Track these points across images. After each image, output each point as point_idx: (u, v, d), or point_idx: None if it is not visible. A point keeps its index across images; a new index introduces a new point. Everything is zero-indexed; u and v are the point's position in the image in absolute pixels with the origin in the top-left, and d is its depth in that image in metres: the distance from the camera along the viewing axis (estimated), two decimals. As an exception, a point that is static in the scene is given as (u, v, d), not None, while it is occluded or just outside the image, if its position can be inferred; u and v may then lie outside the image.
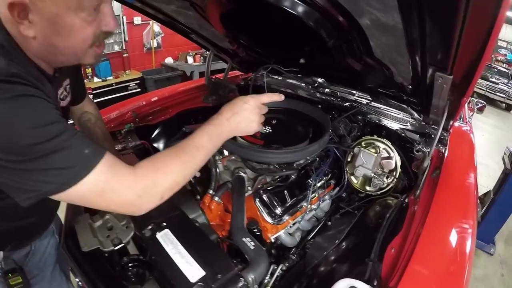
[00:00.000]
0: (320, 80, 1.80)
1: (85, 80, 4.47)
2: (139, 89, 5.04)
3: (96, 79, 4.81)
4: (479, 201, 3.17)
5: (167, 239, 0.99)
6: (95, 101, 4.42)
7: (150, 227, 1.04)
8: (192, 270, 0.88)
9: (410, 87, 1.26)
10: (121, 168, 0.70)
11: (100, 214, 1.14)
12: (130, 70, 5.30)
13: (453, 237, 1.02)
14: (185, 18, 1.70)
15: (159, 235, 1.00)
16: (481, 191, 3.31)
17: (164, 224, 1.04)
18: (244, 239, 1.02)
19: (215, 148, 0.87)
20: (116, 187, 0.68)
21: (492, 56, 12.71)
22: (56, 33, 0.66)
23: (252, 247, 0.99)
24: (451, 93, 1.03)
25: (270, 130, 1.41)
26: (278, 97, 1.00)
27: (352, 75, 1.47)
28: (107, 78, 4.86)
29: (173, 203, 1.18)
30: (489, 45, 0.69)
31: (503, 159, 3.00)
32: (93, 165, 0.65)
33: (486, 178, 4.34)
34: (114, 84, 4.85)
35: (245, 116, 0.91)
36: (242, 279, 0.87)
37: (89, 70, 4.74)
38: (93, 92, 4.53)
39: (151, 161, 0.75)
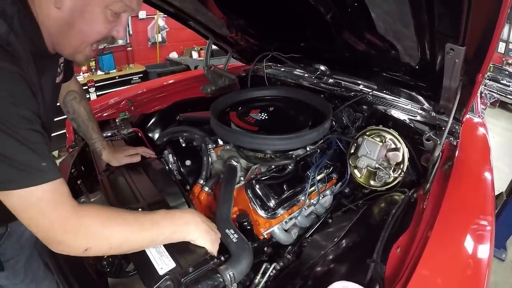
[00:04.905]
0: (322, 67, 1.69)
1: (88, 73, 4.51)
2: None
3: (99, 72, 4.76)
4: (491, 203, 3.04)
5: None
6: (97, 93, 4.43)
7: None
8: (162, 261, 0.79)
9: (417, 67, 1.13)
10: (66, 199, 0.67)
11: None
12: (134, 64, 5.25)
13: (470, 237, 0.89)
14: (181, 2, 1.61)
15: None
16: (493, 194, 3.16)
17: (141, 209, 0.96)
18: (227, 230, 0.92)
19: (167, 236, 0.80)
20: (49, 212, 0.64)
21: (503, 59, 12.38)
22: (80, 15, 0.71)
23: (234, 240, 0.88)
24: (463, 70, 0.91)
25: (266, 117, 1.30)
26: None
27: (355, 59, 1.35)
28: (110, 71, 4.81)
29: (154, 189, 1.11)
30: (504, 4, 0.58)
31: (516, 159, 2.85)
32: (43, 181, 0.63)
33: (498, 181, 4.13)
34: (117, 77, 4.79)
35: (213, 233, 0.88)
36: (218, 275, 0.77)
37: (92, 63, 4.70)
38: (96, 84, 4.49)
39: (101, 211, 0.72)
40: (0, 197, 0.63)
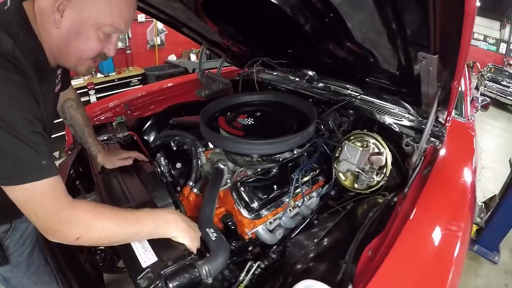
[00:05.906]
0: (310, 72, 1.74)
1: (88, 76, 4.55)
2: (141, 85, 5.01)
3: (99, 75, 4.82)
4: (483, 206, 3.06)
5: None
6: (97, 96, 4.48)
7: None
8: (146, 256, 0.87)
9: (397, 73, 1.18)
10: (62, 194, 0.77)
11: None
12: (133, 66, 5.29)
13: (437, 239, 0.93)
14: (173, 10, 1.67)
15: None
16: (488, 196, 3.17)
17: (130, 208, 0.99)
18: (207, 229, 0.98)
19: (150, 232, 0.89)
20: (47, 204, 0.73)
21: (504, 59, 12.37)
22: (76, 34, 0.80)
23: (213, 238, 0.94)
24: (439, 77, 0.95)
25: (253, 122, 1.35)
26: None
27: (339, 65, 1.40)
28: (109, 74, 4.86)
29: (144, 190, 1.17)
30: (467, 12, 0.62)
31: (510, 162, 2.87)
32: (42, 177, 0.72)
33: (494, 183, 4.17)
34: (116, 79, 4.83)
35: (192, 232, 0.95)
36: (195, 269, 0.84)
37: (93, 66, 4.75)
38: (95, 87, 4.54)
39: (94, 206, 0.81)
40: (5, 190, 0.72)
